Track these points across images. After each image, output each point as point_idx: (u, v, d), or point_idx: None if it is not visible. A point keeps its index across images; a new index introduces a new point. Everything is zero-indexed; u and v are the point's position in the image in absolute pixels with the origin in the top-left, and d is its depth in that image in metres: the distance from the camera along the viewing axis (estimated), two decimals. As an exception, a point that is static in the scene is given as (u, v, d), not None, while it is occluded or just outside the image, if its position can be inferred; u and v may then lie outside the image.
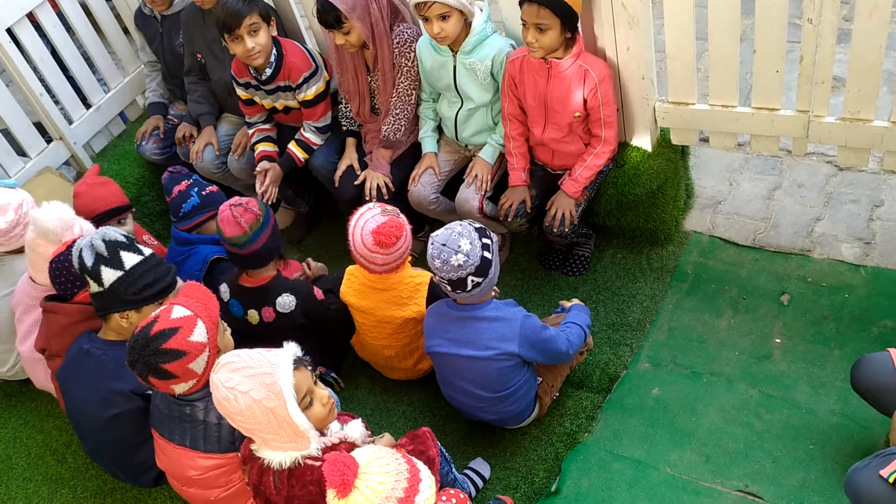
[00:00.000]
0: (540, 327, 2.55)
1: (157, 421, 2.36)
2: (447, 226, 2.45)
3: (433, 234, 2.44)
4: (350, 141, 3.48)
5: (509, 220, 3.07)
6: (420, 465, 1.78)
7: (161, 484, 2.70)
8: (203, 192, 3.24)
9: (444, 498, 2.07)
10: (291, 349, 1.97)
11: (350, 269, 2.92)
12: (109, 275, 2.44)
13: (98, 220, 3.10)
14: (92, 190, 3.24)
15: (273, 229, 2.86)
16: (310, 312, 2.92)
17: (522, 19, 2.72)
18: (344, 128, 3.51)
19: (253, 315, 2.92)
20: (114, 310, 2.50)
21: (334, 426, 2.10)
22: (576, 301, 2.88)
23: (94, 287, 2.49)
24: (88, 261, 2.46)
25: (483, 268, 2.39)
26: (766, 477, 2.49)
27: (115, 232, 2.53)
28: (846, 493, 2.16)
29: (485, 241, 2.42)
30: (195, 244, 3.23)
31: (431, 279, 2.78)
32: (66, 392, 2.65)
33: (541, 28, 2.68)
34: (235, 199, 2.84)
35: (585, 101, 2.85)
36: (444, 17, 2.83)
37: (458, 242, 2.36)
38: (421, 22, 2.96)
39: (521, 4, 2.71)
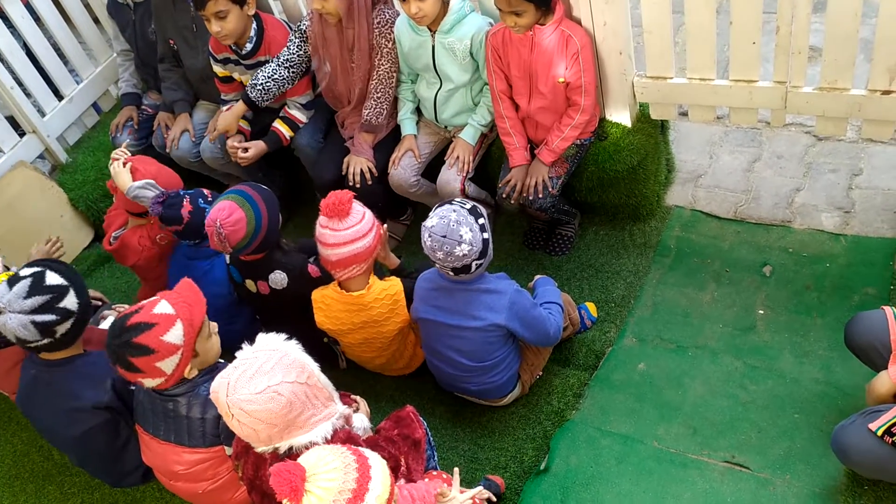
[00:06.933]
0: (530, 305, 2.56)
1: (141, 416, 2.34)
2: (439, 213, 2.38)
3: (429, 225, 2.37)
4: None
5: (512, 202, 3.05)
6: (368, 453, 1.71)
7: (149, 481, 2.67)
8: (209, 199, 3.01)
9: (427, 480, 2.05)
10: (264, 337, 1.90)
11: (315, 295, 2.75)
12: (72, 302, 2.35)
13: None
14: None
15: (268, 218, 2.71)
16: (301, 291, 2.81)
17: (497, 6, 2.71)
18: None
19: (250, 284, 2.90)
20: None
21: (340, 408, 2.00)
22: (539, 277, 2.86)
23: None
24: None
25: (484, 249, 2.40)
26: (751, 447, 2.51)
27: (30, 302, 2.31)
28: (833, 450, 2.19)
29: (480, 221, 2.40)
30: (212, 255, 3.05)
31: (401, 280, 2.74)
32: (31, 417, 2.59)
33: (516, 13, 2.68)
34: (219, 218, 2.61)
35: (567, 68, 2.82)
36: (421, -3, 2.80)
37: (459, 232, 2.32)
38: (398, 1, 2.93)
39: None
